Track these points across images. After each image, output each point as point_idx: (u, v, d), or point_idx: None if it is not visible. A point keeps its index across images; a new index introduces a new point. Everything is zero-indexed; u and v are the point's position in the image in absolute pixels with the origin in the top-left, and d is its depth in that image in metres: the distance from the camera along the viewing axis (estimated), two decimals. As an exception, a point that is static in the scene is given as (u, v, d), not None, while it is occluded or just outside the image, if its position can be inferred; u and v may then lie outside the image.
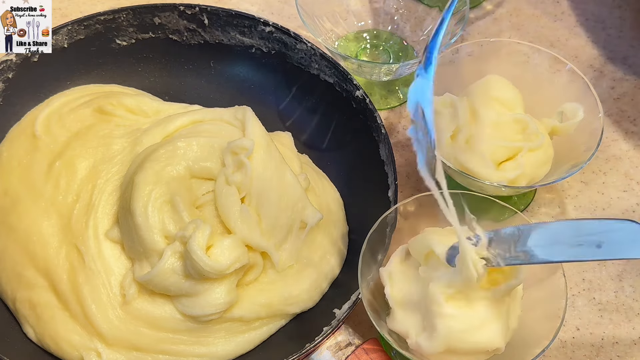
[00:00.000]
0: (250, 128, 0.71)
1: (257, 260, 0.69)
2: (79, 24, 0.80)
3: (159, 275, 0.65)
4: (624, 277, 0.76)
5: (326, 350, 0.66)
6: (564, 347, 0.72)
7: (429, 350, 0.59)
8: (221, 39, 0.84)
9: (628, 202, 0.81)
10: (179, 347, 0.67)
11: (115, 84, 0.84)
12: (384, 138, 0.74)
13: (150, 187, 0.67)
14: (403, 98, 0.89)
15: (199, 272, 0.64)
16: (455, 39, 0.78)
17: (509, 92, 0.75)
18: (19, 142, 0.76)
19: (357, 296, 0.67)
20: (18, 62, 0.78)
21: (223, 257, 0.64)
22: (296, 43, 0.81)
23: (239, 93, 0.85)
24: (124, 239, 0.69)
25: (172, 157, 0.70)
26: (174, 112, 0.79)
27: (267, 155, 0.70)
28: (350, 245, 0.75)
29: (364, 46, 0.91)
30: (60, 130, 0.76)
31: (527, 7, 0.97)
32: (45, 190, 0.72)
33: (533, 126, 0.71)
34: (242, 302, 0.68)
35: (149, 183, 0.67)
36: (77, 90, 0.82)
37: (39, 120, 0.76)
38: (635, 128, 0.86)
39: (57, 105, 0.78)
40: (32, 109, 0.79)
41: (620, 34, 0.94)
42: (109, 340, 0.66)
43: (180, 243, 0.65)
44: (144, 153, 0.72)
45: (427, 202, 0.68)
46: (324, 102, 0.82)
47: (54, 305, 0.68)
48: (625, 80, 0.90)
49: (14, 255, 0.69)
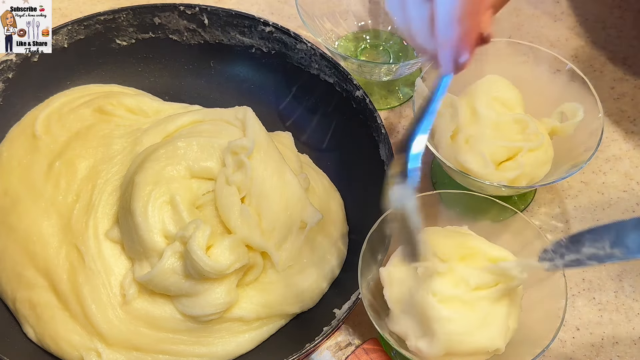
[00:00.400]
0: (250, 128, 0.71)
1: (257, 260, 0.69)
2: (79, 24, 0.80)
3: (159, 275, 0.65)
4: (624, 277, 0.76)
5: (326, 350, 0.66)
6: (564, 347, 0.72)
7: (430, 354, 0.59)
8: (221, 39, 0.84)
9: (628, 202, 0.81)
10: (179, 347, 0.67)
11: (115, 84, 0.84)
12: (384, 138, 0.74)
13: (150, 187, 0.67)
14: (403, 98, 0.89)
15: (199, 272, 0.64)
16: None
17: (509, 92, 0.75)
18: (18, 142, 0.76)
19: (357, 296, 0.67)
20: (18, 62, 0.78)
21: (223, 257, 0.64)
22: (296, 43, 0.81)
23: (239, 93, 0.85)
24: (124, 239, 0.69)
25: (172, 157, 0.70)
26: (174, 112, 0.79)
27: (267, 156, 0.70)
28: (350, 245, 0.75)
29: (364, 46, 0.91)
30: (60, 130, 0.76)
31: (527, 7, 0.97)
32: (45, 190, 0.72)
33: (533, 126, 0.71)
34: (242, 302, 0.68)
35: (149, 183, 0.67)
36: (77, 90, 0.82)
37: (39, 120, 0.76)
38: (635, 128, 0.86)
39: (57, 105, 0.78)
40: (32, 109, 0.79)
41: (620, 34, 0.94)
42: (109, 340, 0.66)
43: (180, 243, 0.65)
44: (144, 153, 0.72)
45: (427, 202, 0.68)
46: (324, 102, 0.82)
47: (54, 305, 0.68)
48: (625, 80, 0.90)
49: (14, 255, 0.70)
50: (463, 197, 0.69)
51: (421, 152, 0.54)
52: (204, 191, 0.70)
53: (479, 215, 0.71)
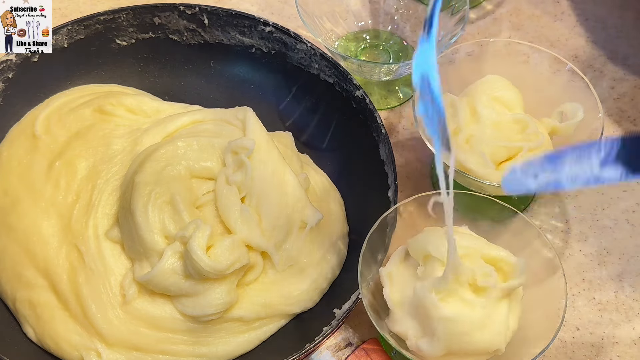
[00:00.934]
0: (250, 127, 0.71)
1: (257, 261, 0.69)
2: (79, 24, 0.80)
3: (159, 275, 0.65)
4: (624, 277, 0.76)
5: (326, 350, 0.66)
6: (564, 347, 0.72)
7: (430, 354, 0.59)
8: (221, 39, 0.84)
9: (628, 202, 0.81)
10: (178, 347, 0.67)
11: (115, 84, 0.84)
12: (384, 138, 0.74)
13: (150, 187, 0.67)
14: (403, 98, 0.89)
15: (199, 272, 0.64)
16: (455, 39, 0.78)
17: (509, 92, 0.75)
18: (18, 142, 0.76)
19: (357, 296, 0.67)
20: (18, 62, 0.78)
21: (223, 257, 0.64)
22: (296, 43, 0.81)
23: (239, 93, 0.85)
24: (124, 239, 0.69)
25: (172, 157, 0.70)
26: (174, 112, 0.79)
27: (267, 155, 0.70)
28: (350, 245, 0.75)
29: (363, 46, 0.91)
30: (60, 130, 0.76)
31: (527, 7, 0.97)
32: (45, 190, 0.72)
33: (533, 126, 0.71)
34: (242, 302, 0.68)
35: (149, 183, 0.67)
36: (77, 90, 0.81)
37: (39, 120, 0.76)
38: (635, 128, 0.86)
39: (57, 105, 0.78)
40: (32, 109, 0.79)
41: (620, 34, 0.94)
42: (108, 340, 0.66)
43: (180, 243, 0.65)
44: (144, 153, 0.72)
45: (427, 202, 0.68)
46: (324, 102, 0.82)
47: (53, 305, 0.68)
48: (625, 80, 0.90)
49: (14, 255, 0.70)
50: (463, 197, 0.69)
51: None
52: (204, 191, 0.70)
53: (478, 215, 0.71)
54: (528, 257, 0.63)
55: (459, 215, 0.69)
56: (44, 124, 0.76)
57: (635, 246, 0.78)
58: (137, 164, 0.71)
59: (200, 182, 0.71)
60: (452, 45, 0.78)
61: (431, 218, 0.67)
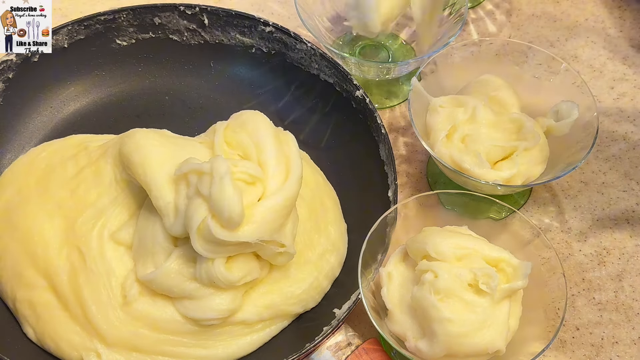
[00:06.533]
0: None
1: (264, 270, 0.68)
2: (79, 24, 0.80)
3: (163, 275, 0.64)
4: (624, 277, 0.76)
5: (326, 350, 0.66)
6: (564, 347, 0.72)
7: (430, 355, 0.59)
8: (221, 39, 0.84)
9: (628, 202, 0.81)
10: (178, 349, 0.67)
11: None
12: (384, 138, 0.74)
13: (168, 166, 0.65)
14: (403, 98, 0.89)
15: (211, 279, 0.63)
16: (454, 39, 0.78)
17: (505, 91, 0.75)
18: (64, 149, 0.76)
19: (357, 296, 0.67)
20: (18, 62, 0.78)
21: (237, 269, 0.64)
22: (296, 43, 0.81)
23: (239, 93, 0.85)
24: (135, 235, 0.68)
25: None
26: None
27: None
28: (350, 245, 0.75)
29: (363, 45, 0.91)
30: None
31: (527, 7, 0.97)
32: (57, 194, 0.71)
33: (529, 125, 0.71)
34: (245, 306, 0.68)
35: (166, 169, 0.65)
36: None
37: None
38: (635, 128, 0.86)
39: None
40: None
41: (620, 34, 0.94)
42: (108, 341, 0.66)
43: (196, 175, 0.62)
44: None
45: (427, 202, 0.68)
46: (323, 102, 0.82)
47: (54, 305, 0.68)
48: (625, 80, 0.90)
49: (14, 254, 0.69)
50: (462, 197, 0.69)
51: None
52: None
53: (478, 215, 0.71)
54: (528, 257, 0.64)
55: (459, 215, 0.69)
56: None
57: (635, 246, 0.78)
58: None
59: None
60: (451, 45, 0.78)
61: (432, 218, 0.67)
